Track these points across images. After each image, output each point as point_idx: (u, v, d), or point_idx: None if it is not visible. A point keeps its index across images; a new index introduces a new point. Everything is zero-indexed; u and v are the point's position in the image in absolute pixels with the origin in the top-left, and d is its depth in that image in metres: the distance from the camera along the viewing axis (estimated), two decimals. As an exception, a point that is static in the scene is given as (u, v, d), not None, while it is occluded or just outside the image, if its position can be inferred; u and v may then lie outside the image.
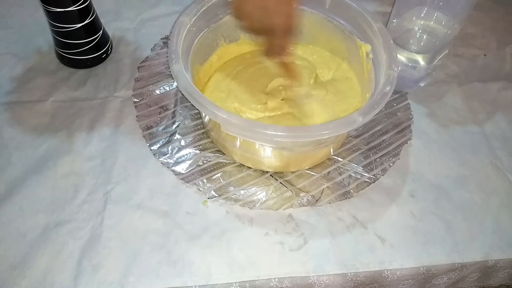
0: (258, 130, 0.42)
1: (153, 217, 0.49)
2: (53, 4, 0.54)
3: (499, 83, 0.66)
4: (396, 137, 0.57)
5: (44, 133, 0.55)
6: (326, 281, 0.46)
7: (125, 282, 0.44)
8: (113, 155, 0.53)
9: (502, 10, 0.77)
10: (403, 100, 0.62)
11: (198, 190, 0.51)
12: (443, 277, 0.50)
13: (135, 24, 0.70)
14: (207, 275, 0.45)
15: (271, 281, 0.46)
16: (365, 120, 0.44)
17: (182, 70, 0.46)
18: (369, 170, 0.54)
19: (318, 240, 0.48)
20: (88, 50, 0.60)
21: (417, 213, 0.51)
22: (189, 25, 0.51)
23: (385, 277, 0.47)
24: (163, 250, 0.47)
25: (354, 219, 0.50)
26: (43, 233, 0.47)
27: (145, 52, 0.65)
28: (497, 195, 0.54)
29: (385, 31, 0.52)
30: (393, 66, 0.49)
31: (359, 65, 0.56)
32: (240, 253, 0.47)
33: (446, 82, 0.65)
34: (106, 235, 0.47)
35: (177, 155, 0.54)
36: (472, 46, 0.71)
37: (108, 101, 0.59)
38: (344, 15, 0.56)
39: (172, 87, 0.61)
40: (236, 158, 0.53)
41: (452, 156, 0.57)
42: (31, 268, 0.45)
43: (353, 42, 0.56)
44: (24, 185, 0.50)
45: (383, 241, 0.49)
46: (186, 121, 0.57)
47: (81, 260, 0.45)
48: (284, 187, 0.52)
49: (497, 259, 0.49)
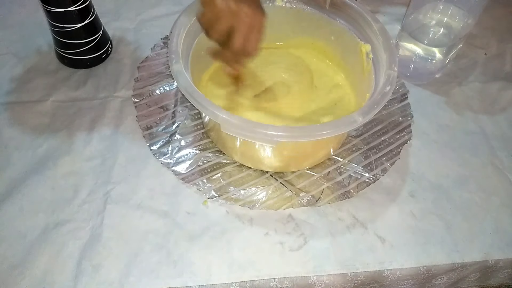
0: (258, 130, 0.42)
1: (153, 217, 0.49)
2: (53, 4, 0.54)
3: (499, 83, 0.66)
4: (396, 137, 0.57)
5: (44, 133, 0.55)
6: (326, 281, 0.46)
7: (125, 282, 0.44)
8: (113, 155, 0.53)
9: (502, 9, 0.77)
10: (403, 100, 0.62)
11: (198, 190, 0.51)
12: (443, 277, 0.50)
13: (135, 24, 0.70)
14: (207, 275, 0.45)
15: (271, 281, 0.46)
16: (365, 120, 0.44)
17: (182, 70, 0.46)
18: (369, 170, 0.54)
19: (318, 240, 0.48)
20: (88, 50, 0.60)
21: (417, 213, 0.51)
22: (189, 25, 0.51)
23: (385, 277, 0.47)
24: (163, 250, 0.47)
25: (354, 219, 0.50)
26: (43, 233, 0.47)
27: (145, 52, 0.65)
28: (497, 195, 0.54)
29: (385, 31, 0.52)
30: (393, 66, 0.48)
31: (359, 65, 0.56)
32: (240, 253, 0.47)
33: (446, 82, 0.65)
34: (106, 235, 0.47)
35: (177, 155, 0.54)
36: (472, 46, 0.71)
37: (108, 101, 0.59)
38: (344, 15, 0.56)
39: (172, 87, 0.61)
40: (236, 158, 0.53)
41: (452, 156, 0.57)
42: (31, 268, 0.45)
43: (353, 42, 0.56)
44: (24, 185, 0.50)
45: (383, 241, 0.49)
46: (186, 121, 0.57)
47: (81, 260, 0.45)
48: (284, 187, 0.52)
49: (497, 259, 0.49)
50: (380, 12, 0.75)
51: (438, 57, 0.61)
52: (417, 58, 0.62)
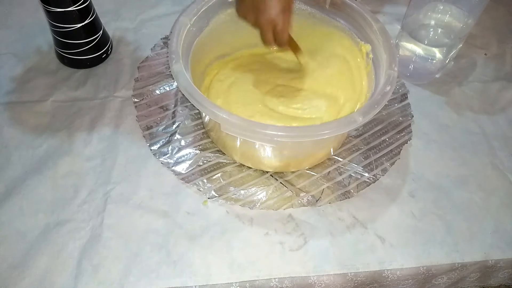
0: (258, 130, 0.42)
1: (153, 217, 0.49)
2: (53, 4, 0.54)
3: (499, 83, 0.66)
4: (396, 137, 0.57)
5: (44, 133, 0.55)
6: (326, 281, 0.46)
7: (125, 282, 0.44)
8: (113, 155, 0.53)
9: (502, 9, 0.78)
10: (403, 100, 0.62)
11: (198, 190, 0.51)
12: (443, 277, 0.50)
13: (135, 24, 0.70)
14: (207, 275, 0.45)
15: (271, 281, 0.46)
16: (365, 120, 0.44)
17: (182, 70, 0.46)
18: (369, 170, 0.54)
19: (318, 240, 0.48)
20: (88, 50, 0.60)
21: (417, 213, 0.51)
22: (189, 25, 0.51)
23: (385, 277, 0.47)
24: (163, 250, 0.47)
25: (354, 219, 0.50)
26: (43, 233, 0.47)
27: (145, 52, 0.65)
28: (497, 195, 0.54)
29: (385, 31, 0.52)
30: (393, 66, 0.48)
31: (359, 65, 0.56)
32: (240, 253, 0.47)
33: (446, 82, 0.65)
34: (106, 235, 0.47)
35: (177, 155, 0.54)
36: (472, 46, 0.71)
37: (108, 101, 0.59)
38: (344, 15, 0.56)
39: (172, 87, 0.61)
40: (236, 158, 0.53)
41: (452, 156, 0.57)
42: (31, 268, 0.45)
43: (353, 42, 0.56)
44: (24, 185, 0.50)
45: (383, 241, 0.49)
46: (186, 121, 0.57)
47: (81, 260, 0.45)
48: (284, 187, 0.52)
49: (497, 259, 0.49)
50: (380, 12, 0.75)
51: (438, 57, 0.61)
52: (417, 58, 0.62)
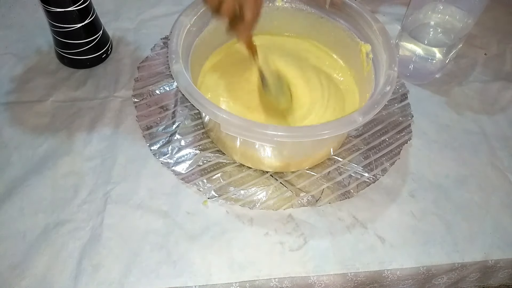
0: (258, 130, 0.42)
1: (153, 217, 0.49)
2: (53, 4, 0.54)
3: (499, 83, 0.66)
4: (396, 137, 0.57)
5: (44, 133, 0.55)
6: (326, 281, 0.46)
7: (125, 282, 0.44)
8: (113, 155, 0.53)
9: (502, 9, 0.77)
10: (403, 100, 0.62)
11: (198, 190, 0.51)
12: (443, 277, 0.50)
13: (135, 24, 0.70)
14: (207, 275, 0.45)
15: (271, 281, 0.46)
16: (365, 120, 0.44)
17: (182, 70, 0.46)
18: (369, 170, 0.54)
19: (318, 240, 0.48)
20: (88, 50, 0.60)
21: (417, 213, 0.51)
22: (189, 25, 0.51)
23: (385, 277, 0.48)
24: (163, 250, 0.47)
25: (354, 219, 0.50)
26: (43, 233, 0.47)
27: (145, 52, 0.65)
28: (497, 195, 0.54)
29: (385, 31, 0.52)
30: (393, 66, 0.48)
31: (359, 65, 0.56)
32: (240, 253, 0.47)
33: (446, 82, 0.65)
34: (106, 235, 0.47)
35: (177, 155, 0.54)
36: (472, 46, 0.71)
37: (108, 101, 0.59)
38: (344, 15, 0.56)
39: (172, 87, 0.61)
40: (236, 158, 0.53)
41: (452, 156, 0.57)
42: (31, 268, 0.45)
43: (353, 42, 0.56)
44: (24, 185, 0.50)
45: (383, 241, 0.49)
46: (186, 121, 0.57)
47: (81, 260, 0.45)
48: (284, 187, 0.52)
49: (497, 259, 0.49)
50: (380, 12, 0.75)
51: (438, 57, 0.61)
52: (417, 58, 0.62)
